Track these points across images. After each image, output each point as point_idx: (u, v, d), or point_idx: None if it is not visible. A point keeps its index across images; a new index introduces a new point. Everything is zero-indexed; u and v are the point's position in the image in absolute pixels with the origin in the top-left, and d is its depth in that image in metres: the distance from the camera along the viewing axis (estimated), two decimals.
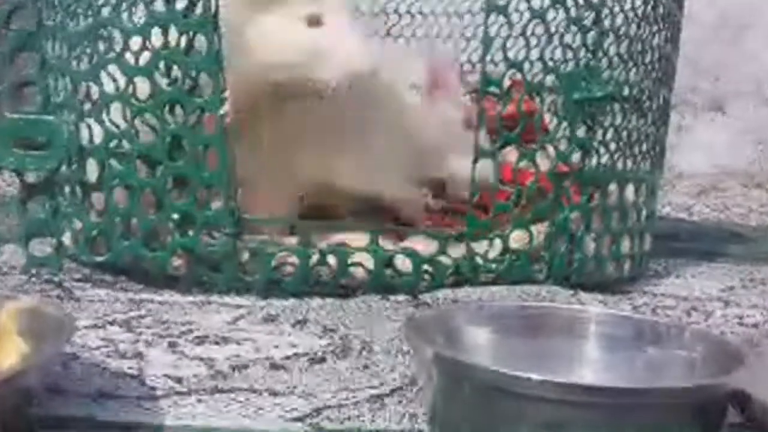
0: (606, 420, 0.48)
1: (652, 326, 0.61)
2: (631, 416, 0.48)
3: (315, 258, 0.86)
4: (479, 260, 0.89)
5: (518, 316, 0.64)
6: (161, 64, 0.84)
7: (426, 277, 0.88)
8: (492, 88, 0.90)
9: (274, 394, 0.63)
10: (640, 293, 0.95)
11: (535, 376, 0.48)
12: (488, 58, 0.90)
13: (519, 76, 0.90)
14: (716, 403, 0.51)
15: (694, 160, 1.85)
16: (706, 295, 0.96)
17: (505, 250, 0.89)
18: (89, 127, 0.87)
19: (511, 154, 0.92)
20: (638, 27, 0.93)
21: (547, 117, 0.97)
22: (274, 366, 0.69)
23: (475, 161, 0.88)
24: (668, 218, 1.43)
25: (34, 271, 0.88)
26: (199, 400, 0.62)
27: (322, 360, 0.70)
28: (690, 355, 0.58)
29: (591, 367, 0.61)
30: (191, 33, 0.84)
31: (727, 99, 1.92)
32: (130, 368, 0.66)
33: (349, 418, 0.60)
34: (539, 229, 0.90)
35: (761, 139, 1.92)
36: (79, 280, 0.87)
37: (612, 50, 0.91)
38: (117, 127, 0.86)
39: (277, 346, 0.73)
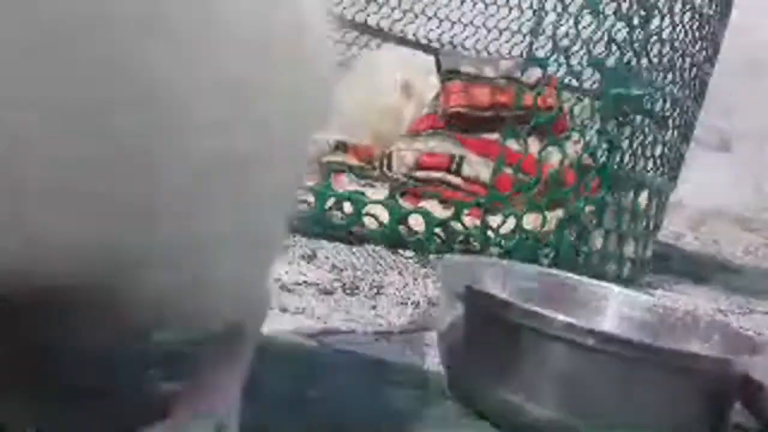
0: (619, 369, 0.48)
1: (670, 312, 0.61)
2: (641, 370, 0.48)
3: (331, 201, 0.86)
4: (491, 233, 0.89)
5: (541, 281, 0.63)
6: None
7: (437, 240, 0.88)
8: (528, 77, 0.91)
9: (285, 311, 0.64)
10: None
11: (565, 318, 0.48)
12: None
13: (561, 66, 0.90)
14: (725, 381, 0.51)
15: (691, 194, 1.86)
16: (699, 310, 0.96)
17: (518, 228, 0.90)
18: None
19: (533, 145, 0.92)
20: (684, 39, 0.94)
21: (578, 109, 0.97)
22: (285, 288, 0.69)
23: (503, 145, 0.89)
24: (660, 243, 1.44)
25: None
26: None
27: (331, 292, 0.71)
28: (705, 343, 0.58)
29: None
30: None
31: (734, 138, 1.93)
32: None
33: (357, 344, 0.60)
34: (553, 215, 0.91)
35: (760, 182, 1.93)
36: None
37: (655, 52, 0.91)
38: None
39: (287, 273, 0.73)
